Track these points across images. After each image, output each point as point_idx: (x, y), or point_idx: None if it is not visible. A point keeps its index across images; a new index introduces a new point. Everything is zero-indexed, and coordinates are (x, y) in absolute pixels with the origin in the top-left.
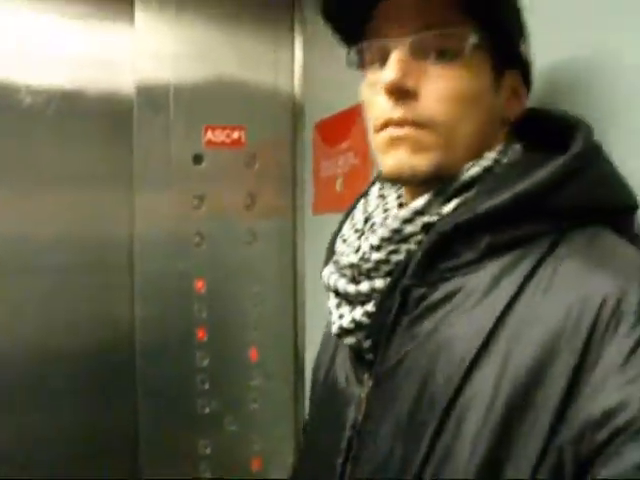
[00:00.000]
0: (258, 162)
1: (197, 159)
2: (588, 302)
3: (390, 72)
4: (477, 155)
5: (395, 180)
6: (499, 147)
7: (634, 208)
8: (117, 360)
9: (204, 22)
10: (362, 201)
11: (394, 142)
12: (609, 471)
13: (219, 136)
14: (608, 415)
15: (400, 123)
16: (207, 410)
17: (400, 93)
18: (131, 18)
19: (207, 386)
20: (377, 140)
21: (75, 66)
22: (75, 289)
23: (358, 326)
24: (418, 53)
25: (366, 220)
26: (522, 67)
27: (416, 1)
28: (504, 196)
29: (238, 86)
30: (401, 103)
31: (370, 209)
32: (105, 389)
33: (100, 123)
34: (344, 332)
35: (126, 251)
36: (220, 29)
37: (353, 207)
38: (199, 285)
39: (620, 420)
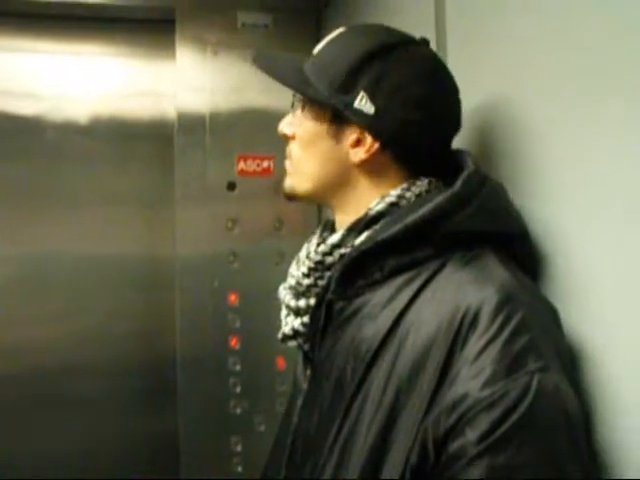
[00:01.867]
0: None
1: (231, 186)
2: (456, 310)
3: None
4: (333, 185)
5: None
6: (404, 185)
7: (522, 234)
8: (161, 366)
9: (238, 59)
10: (318, 231)
11: None
12: (454, 447)
13: (250, 165)
14: (457, 403)
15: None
16: (239, 410)
17: (284, 137)
18: (173, 56)
19: (239, 389)
20: None
21: (124, 98)
22: (122, 303)
23: (296, 333)
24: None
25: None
26: (366, 121)
27: None
28: (397, 227)
29: (267, 119)
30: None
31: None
32: (149, 392)
33: (145, 148)
34: (286, 337)
35: (169, 267)
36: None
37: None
38: (233, 298)
39: (463, 407)
